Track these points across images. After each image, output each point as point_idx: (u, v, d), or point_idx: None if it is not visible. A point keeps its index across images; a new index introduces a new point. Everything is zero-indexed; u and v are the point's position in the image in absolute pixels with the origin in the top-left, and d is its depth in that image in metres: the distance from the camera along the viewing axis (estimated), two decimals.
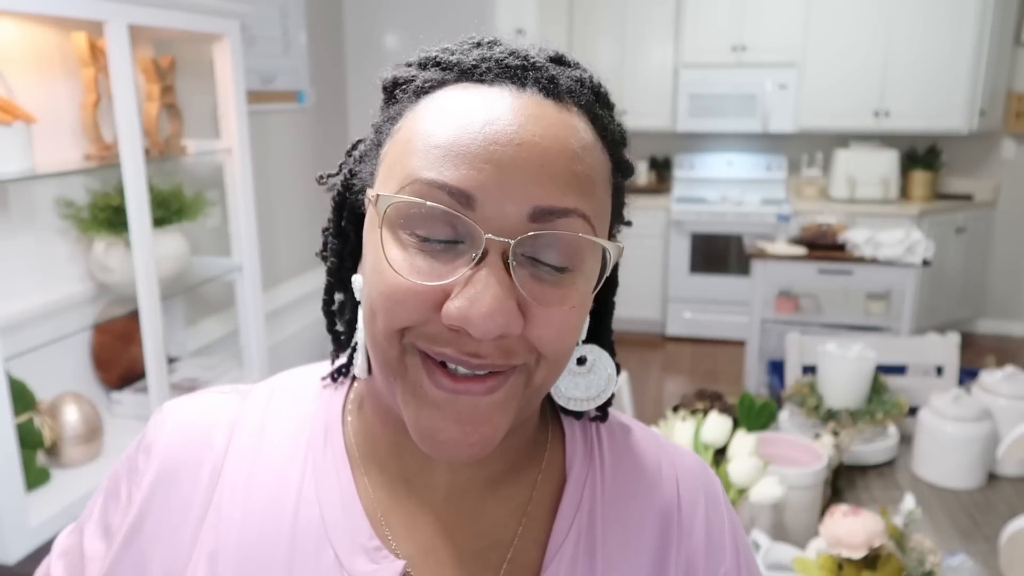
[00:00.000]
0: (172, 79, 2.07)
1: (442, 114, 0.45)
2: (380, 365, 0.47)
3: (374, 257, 0.46)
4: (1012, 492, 1.61)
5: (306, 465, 0.54)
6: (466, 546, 0.52)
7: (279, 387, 0.59)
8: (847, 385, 1.74)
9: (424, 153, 0.44)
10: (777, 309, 3.72)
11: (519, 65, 0.47)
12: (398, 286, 0.43)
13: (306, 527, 0.51)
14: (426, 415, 0.45)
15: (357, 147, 0.55)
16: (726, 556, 0.57)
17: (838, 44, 4.69)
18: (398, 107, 0.49)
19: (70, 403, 1.74)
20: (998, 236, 5.01)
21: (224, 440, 0.55)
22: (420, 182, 0.43)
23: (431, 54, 0.50)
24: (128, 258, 1.84)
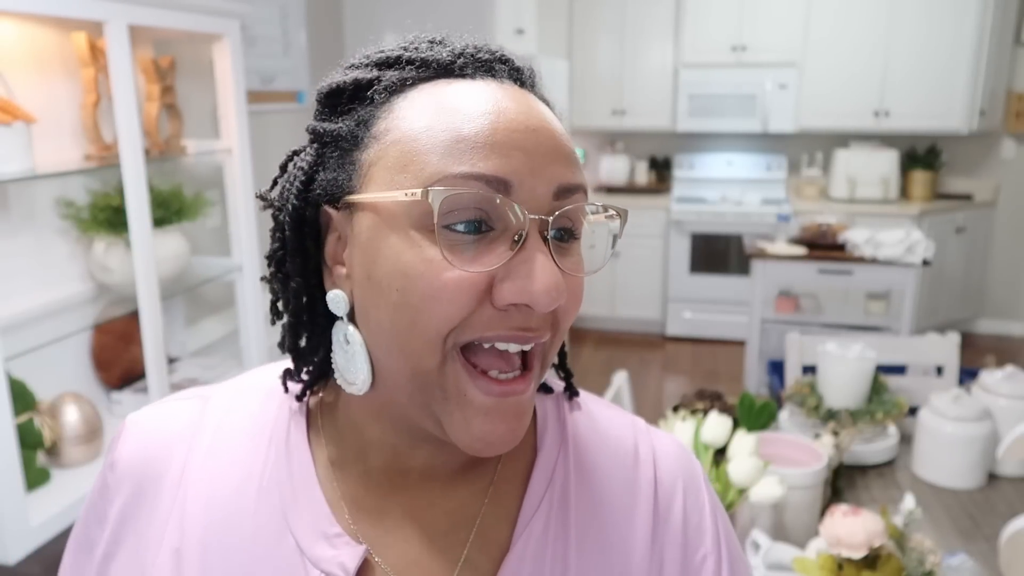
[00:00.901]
0: (172, 79, 2.07)
1: (443, 109, 0.46)
2: (410, 377, 0.47)
3: (402, 262, 0.45)
4: (1012, 492, 1.61)
5: (268, 458, 0.54)
6: (435, 526, 0.53)
7: (243, 386, 0.59)
8: (847, 385, 1.74)
9: (445, 148, 0.45)
10: (777, 309, 3.72)
11: (489, 59, 0.50)
12: (447, 282, 0.44)
13: (267, 516, 0.52)
14: (478, 423, 0.47)
15: (295, 160, 0.52)
16: (706, 539, 0.56)
17: (838, 44, 4.69)
18: (368, 109, 0.49)
19: (70, 403, 1.74)
20: (998, 236, 5.01)
21: (184, 447, 0.55)
22: (454, 176, 0.44)
23: (393, 54, 0.50)
24: (128, 258, 1.84)
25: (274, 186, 0.54)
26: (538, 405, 0.59)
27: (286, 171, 0.53)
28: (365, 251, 0.47)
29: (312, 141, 0.51)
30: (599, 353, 4.84)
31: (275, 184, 0.54)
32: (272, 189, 0.54)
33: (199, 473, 0.54)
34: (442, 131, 0.45)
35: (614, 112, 5.15)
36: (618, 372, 1.94)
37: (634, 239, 4.98)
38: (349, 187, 0.48)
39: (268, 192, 0.54)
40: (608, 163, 5.35)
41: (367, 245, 0.47)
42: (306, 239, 0.51)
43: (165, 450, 0.55)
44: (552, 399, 0.60)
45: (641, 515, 0.55)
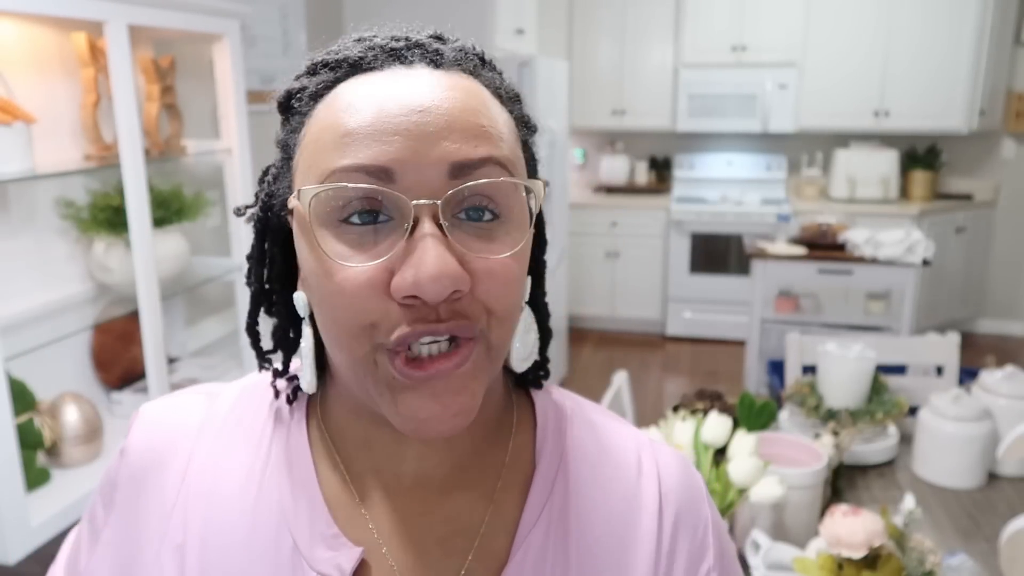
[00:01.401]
0: (172, 79, 2.07)
1: (341, 107, 0.46)
2: (349, 365, 0.47)
3: (314, 260, 0.46)
4: (1012, 492, 1.61)
5: (269, 457, 0.55)
6: (431, 532, 0.52)
7: (249, 385, 0.60)
8: (847, 385, 1.74)
9: (333, 145, 0.45)
10: (777, 309, 3.72)
11: (402, 46, 0.50)
12: (346, 278, 0.44)
13: (266, 516, 0.52)
14: (404, 400, 0.45)
15: (268, 172, 0.55)
16: (709, 554, 0.56)
17: (838, 44, 4.69)
18: (298, 117, 0.50)
19: (70, 403, 1.74)
20: (998, 236, 5.01)
21: (190, 441, 0.56)
22: (337, 171, 0.44)
23: (317, 58, 0.51)
24: (128, 258, 1.84)
25: (256, 200, 0.56)
26: (539, 415, 0.58)
27: (264, 183, 0.55)
28: (298, 254, 0.50)
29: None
30: (599, 353, 4.84)
31: (257, 199, 0.56)
32: (255, 205, 0.56)
33: (203, 469, 0.54)
34: (333, 128, 0.46)
35: (614, 112, 5.14)
36: (618, 372, 1.94)
37: (634, 239, 4.99)
38: (288, 194, 0.51)
39: (246, 208, 0.57)
40: (608, 163, 5.35)
41: (297, 249, 0.50)
42: (268, 245, 0.54)
43: (171, 442, 0.56)
44: (554, 409, 0.59)
45: (644, 530, 0.54)
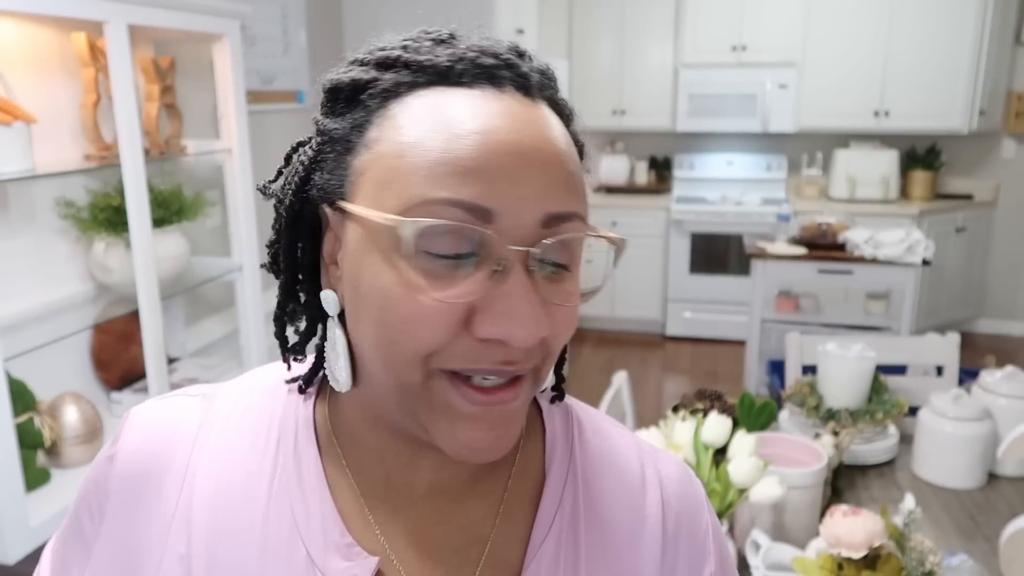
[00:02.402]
0: (172, 79, 2.07)
1: (433, 123, 0.44)
2: (395, 387, 0.46)
3: (381, 282, 0.44)
4: (1012, 492, 1.61)
5: (276, 464, 0.53)
6: (446, 542, 0.52)
7: (247, 386, 0.57)
8: (847, 385, 1.74)
9: (428, 169, 0.43)
10: (777, 309, 3.72)
11: (493, 64, 0.47)
12: (423, 308, 0.42)
13: (277, 525, 0.51)
14: (463, 428, 0.45)
15: (300, 151, 0.51)
16: (711, 559, 0.57)
17: (838, 44, 4.69)
18: (363, 113, 0.47)
19: (70, 403, 1.74)
20: (998, 236, 5.01)
21: (188, 445, 0.53)
22: (433, 202, 0.42)
23: (392, 53, 0.48)
24: (128, 258, 1.84)
25: (278, 177, 0.52)
26: (547, 422, 0.58)
27: (290, 162, 0.52)
28: (352, 262, 0.46)
29: (316, 135, 0.50)
30: (599, 353, 4.84)
31: (279, 175, 0.52)
32: (275, 180, 0.53)
33: (205, 476, 0.52)
34: (428, 150, 0.43)
35: (614, 112, 5.14)
36: (618, 372, 1.94)
37: (634, 239, 4.98)
38: (341, 192, 0.47)
39: (270, 184, 0.53)
40: (608, 163, 5.35)
41: (354, 257, 0.46)
42: (301, 236, 0.51)
43: (168, 448, 0.53)
44: (561, 417, 0.59)
45: (649, 538, 0.55)
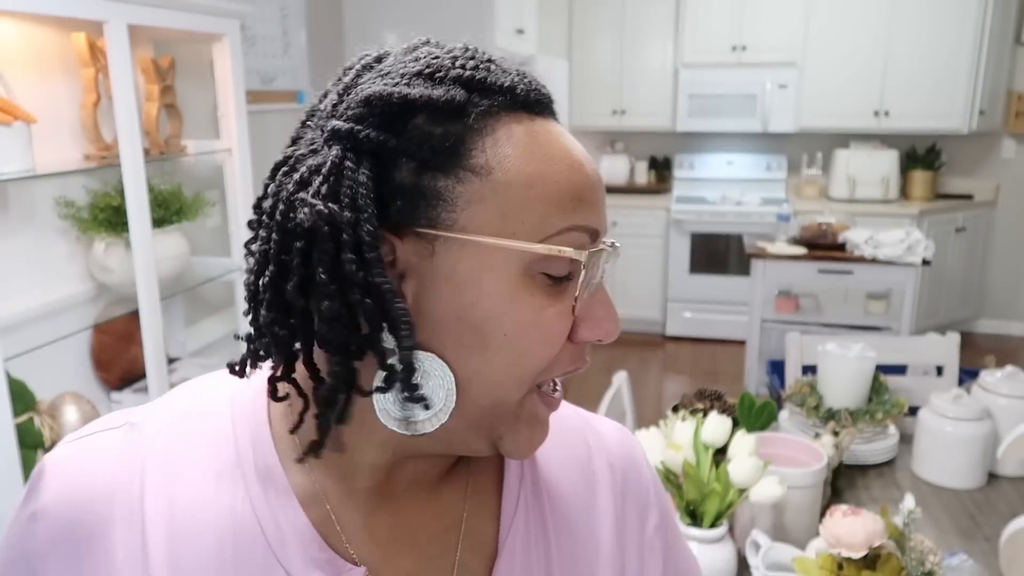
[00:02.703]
0: (172, 79, 2.07)
1: (547, 156, 0.46)
2: (490, 406, 0.47)
3: (507, 307, 0.45)
4: (1012, 492, 1.61)
5: (238, 487, 0.49)
6: (426, 531, 0.53)
7: (182, 409, 0.53)
8: (847, 385, 1.74)
9: (559, 201, 0.46)
10: (777, 309, 3.72)
11: (548, 95, 0.50)
12: (551, 327, 0.46)
13: (250, 553, 0.48)
14: (537, 433, 0.50)
15: (343, 173, 0.44)
16: (653, 511, 0.62)
17: (838, 44, 4.69)
18: (456, 136, 0.45)
19: (70, 403, 1.74)
20: (998, 236, 5.01)
21: (127, 488, 0.49)
22: (577, 230, 0.47)
23: (477, 75, 0.46)
24: (128, 258, 1.84)
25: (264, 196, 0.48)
26: None
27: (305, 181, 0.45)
28: (459, 289, 0.45)
29: (355, 151, 0.45)
30: (599, 353, 4.84)
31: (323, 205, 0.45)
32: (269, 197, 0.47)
33: (157, 513, 0.48)
34: (553, 182, 0.46)
35: (614, 112, 5.14)
36: (618, 372, 1.94)
37: (634, 239, 4.98)
38: (430, 218, 0.44)
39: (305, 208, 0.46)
40: (608, 163, 5.35)
41: (464, 284, 0.45)
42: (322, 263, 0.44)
43: (106, 491, 0.48)
44: None
45: (602, 501, 0.59)
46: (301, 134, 0.50)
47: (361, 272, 0.43)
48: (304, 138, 0.49)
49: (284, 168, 0.47)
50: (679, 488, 1.28)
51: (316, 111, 0.50)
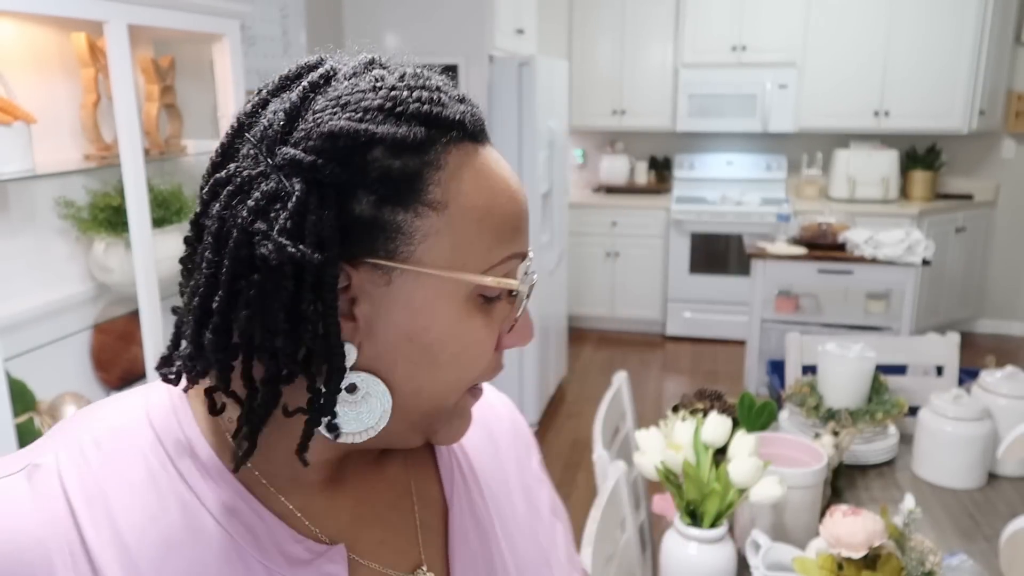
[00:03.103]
0: (172, 79, 2.07)
1: (491, 186, 0.50)
2: (429, 412, 0.52)
3: (459, 329, 0.49)
4: (1012, 492, 1.61)
5: (186, 498, 0.48)
6: (383, 501, 0.57)
7: (90, 439, 0.49)
8: (847, 385, 1.74)
9: (500, 231, 0.50)
10: (777, 309, 3.72)
11: (484, 121, 0.52)
12: (488, 342, 0.51)
13: (225, 557, 0.48)
14: (466, 423, 0.56)
15: (309, 212, 0.44)
16: (534, 451, 0.72)
17: (838, 44, 4.69)
18: (415, 171, 0.46)
19: (70, 403, 1.74)
20: (998, 236, 5.01)
21: (60, 531, 0.45)
22: (514, 258, 0.51)
23: (425, 108, 0.47)
24: (128, 258, 1.84)
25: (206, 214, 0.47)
26: None
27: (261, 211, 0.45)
28: (413, 316, 0.48)
29: (316, 184, 0.45)
30: (599, 353, 4.84)
31: (209, 213, 0.46)
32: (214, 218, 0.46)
33: (107, 548, 0.46)
34: (498, 215, 0.49)
35: (614, 112, 5.14)
36: (618, 372, 1.94)
37: (634, 239, 4.98)
38: (388, 250, 0.46)
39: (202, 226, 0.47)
40: (608, 163, 5.35)
41: (419, 311, 0.48)
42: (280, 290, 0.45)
43: (33, 542, 0.44)
44: None
45: (505, 449, 0.68)
46: (235, 145, 0.48)
47: (318, 313, 0.45)
48: (241, 151, 0.48)
49: (229, 187, 0.46)
50: (679, 488, 1.28)
51: (251, 122, 0.49)
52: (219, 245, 0.45)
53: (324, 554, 0.51)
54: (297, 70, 0.50)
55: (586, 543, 1.22)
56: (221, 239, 0.45)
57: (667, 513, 1.35)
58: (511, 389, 3.59)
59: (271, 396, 0.46)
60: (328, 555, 0.51)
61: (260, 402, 0.46)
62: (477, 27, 3.25)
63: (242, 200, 0.45)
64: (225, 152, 0.49)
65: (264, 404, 0.46)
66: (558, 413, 3.91)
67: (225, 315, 0.45)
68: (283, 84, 0.50)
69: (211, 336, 0.46)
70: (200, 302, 0.46)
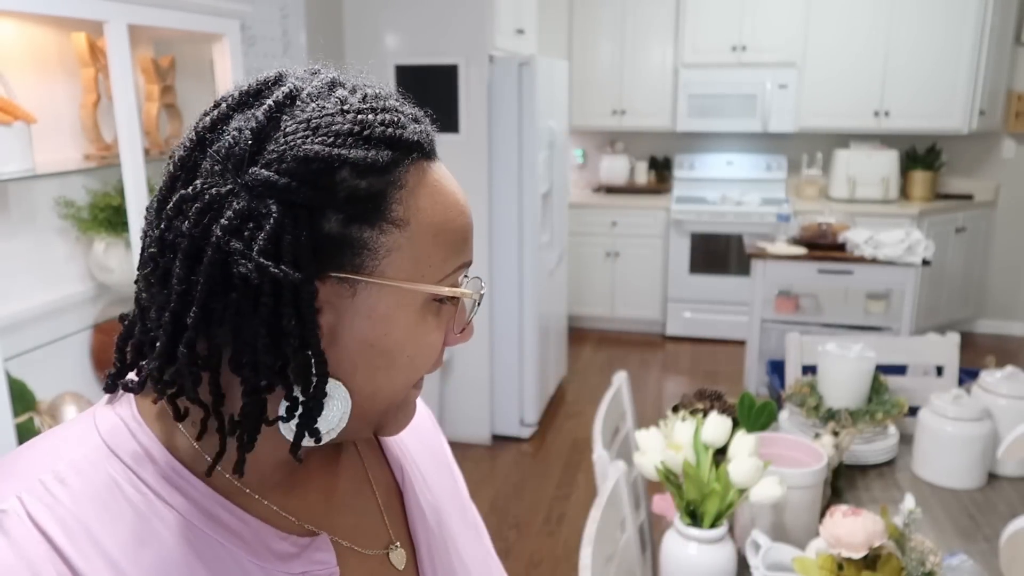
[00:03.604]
0: (172, 79, 2.07)
1: (444, 202, 0.52)
2: (384, 408, 0.55)
3: (413, 334, 0.53)
4: (1012, 492, 1.61)
5: (168, 515, 0.49)
6: (346, 489, 0.62)
7: (50, 474, 0.48)
8: (847, 385, 1.74)
9: (453, 243, 0.53)
10: (777, 309, 3.72)
11: (435, 140, 0.55)
12: (439, 344, 0.55)
13: (220, 565, 0.50)
14: (411, 414, 0.59)
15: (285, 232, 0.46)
16: (440, 433, 0.78)
17: (838, 44, 4.69)
18: (378, 191, 0.48)
19: (70, 403, 1.74)
20: (998, 236, 5.01)
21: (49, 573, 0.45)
22: (459, 268, 0.54)
23: (388, 132, 0.49)
24: (128, 258, 1.84)
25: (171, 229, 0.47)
26: None
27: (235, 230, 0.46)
28: (375, 324, 0.51)
29: (289, 204, 0.46)
30: (599, 353, 4.84)
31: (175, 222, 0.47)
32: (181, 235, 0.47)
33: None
34: (452, 229, 0.53)
35: (614, 112, 5.14)
36: (618, 372, 1.94)
37: (634, 239, 4.98)
38: (354, 265, 0.49)
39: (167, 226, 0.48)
40: (608, 163, 5.35)
41: (381, 319, 0.51)
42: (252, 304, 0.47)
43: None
44: None
45: (428, 435, 0.74)
46: (195, 159, 0.49)
47: (298, 327, 0.48)
48: (202, 166, 0.48)
49: (198, 205, 0.47)
50: (679, 488, 1.28)
51: (212, 137, 0.49)
52: (191, 262, 0.46)
53: (310, 545, 0.55)
54: (257, 85, 0.51)
55: (586, 543, 1.22)
56: (192, 256, 0.46)
57: (667, 513, 1.35)
58: (511, 389, 3.59)
59: (256, 406, 0.49)
60: (314, 545, 0.55)
61: (247, 412, 0.49)
62: (477, 27, 3.25)
63: (213, 218, 0.46)
64: (184, 166, 0.49)
65: (252, 414, 0.49)
66: (558, 413, 3.91)
67: (199, 330, 0.47)
68: (244, 99, 0.50)
69: (184, 350, 0.47)
70: (172, 317, 0.47)
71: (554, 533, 2.86)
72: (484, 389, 3.54)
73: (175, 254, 0.47)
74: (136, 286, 0.52)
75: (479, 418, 3.56)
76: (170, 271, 0.47)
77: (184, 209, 0.47)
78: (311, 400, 0.50)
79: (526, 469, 3.36)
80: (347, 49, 3.49)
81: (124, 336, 0.53)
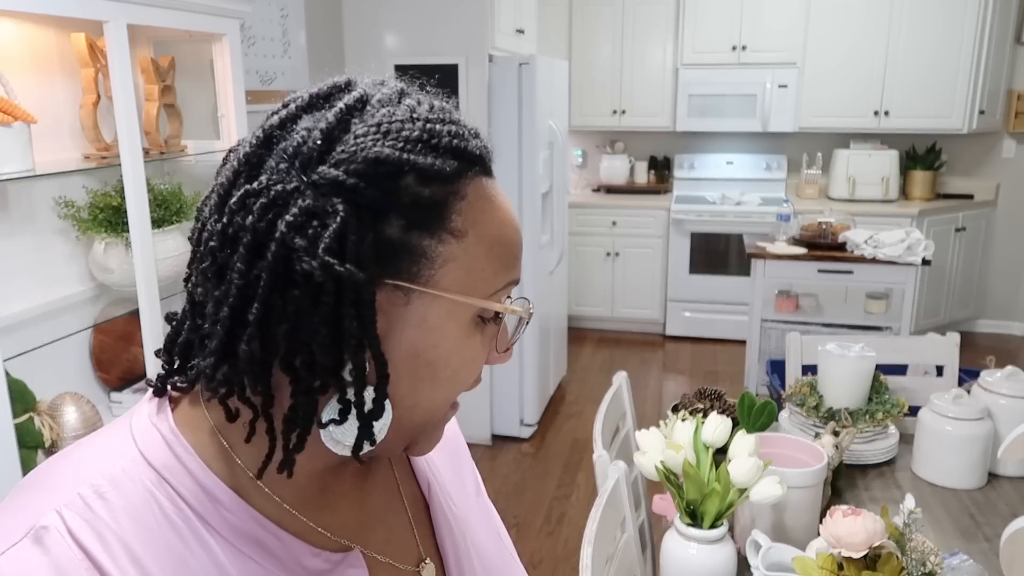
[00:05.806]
0: (172, 79, 2.07)
1: (499, 217, 0.53)
2: (424, 422, 0.55)
3: (464, 347, 0.53)
4: (1012, 492, 1.61)
5: (209, 535, 0.49)
6: (379, 503, 0.61)
7: (90, 489, 0.48)
8: (847, 385, 1.74)
9: (505, 260, 0.53)
10: (777, 309, 3.72)
11: (491, 156, 0.55)
12: (479, 365, 0.55)
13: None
14: (440, 434, 0.58)
15: (350, 233, 0.46)
16: (468, 456, 0.77)
17: (838, 44, 4.69)
18: (441, 200, 0.49)
19: (70, 403, 1.74)
20: (998, 236, 5.01)
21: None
22: (512, 284, 0.54)
23: (450, 141, 0.50)
24: (128, 258, 1.84)
25: (236, 216, 0.47)
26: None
27: (300, 227, 0.46)
28: (425, 334, 0.50)
29: (355, 205, 0.47)
30: (599, 353, 4.84)
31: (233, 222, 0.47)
32: (244, 230, 0.46)
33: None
34: (505, 245, 0.53)
35: (614, 112, 5.14)
36: (618, 372, 1.94)
37: (634, 239, 4.98)
38: (411, 272, 0.49)
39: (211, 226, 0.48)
40: (608, 163, 5.35)
41: (431, 330, 0.50)
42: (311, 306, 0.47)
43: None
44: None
45: (453, 444, 0.74)
46: (260, 157, 0.48)
47: (359, 328, 0.47)
48: (267, 164, 0.48)
49: (263, 200, 0.46)
50: (679, 488, 1.28)
51: (280, 135, 0.49)
52: (252, 257, 0.46)
53: (342, 561, 0.55)
54: (328, 89, 0.52)
55: (586, 543, 1.22)
56: (254, 251, 0.46)
57: (667, 513, 1.35)
58: (511, 389, 3.59)
59: (309, 406, 0.48)
60: (347, 561, 0.55)
61: (300, 413, 0.48)
62: (477, 27, 3.25)
63: (278, 214, 0.46)
64: (249, 162, 0.49)
65: (305, 415, 0.48)
66: (558, 413, 3.91)
67: (261, 327, 0.46)
68: (313, 101, 0.51)
69: (246, 348, 0.46)
70: (230, 312, 0.46)
71: (554, 533, 2.86)
72: (484, 389, 3.54)
73: (236, 248, 0.46)
74: (187, 284, 0.51)
75: (479, 418, 3.56)
76: (229, 265, 0.46)
77: (248, 204, 0.47)
78: (372, 402, 0.49)
79: (526, 469, 3.36)
80: (347, 49, 3.49)
81: (172, 336, 0.52)
